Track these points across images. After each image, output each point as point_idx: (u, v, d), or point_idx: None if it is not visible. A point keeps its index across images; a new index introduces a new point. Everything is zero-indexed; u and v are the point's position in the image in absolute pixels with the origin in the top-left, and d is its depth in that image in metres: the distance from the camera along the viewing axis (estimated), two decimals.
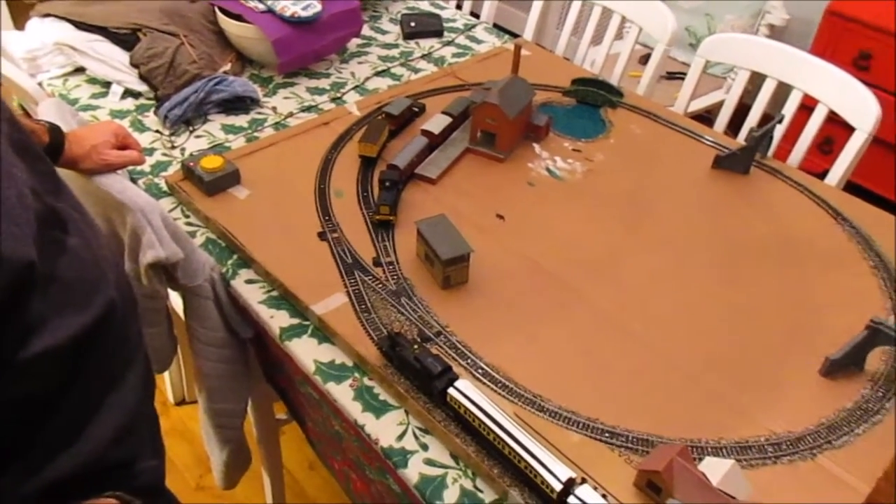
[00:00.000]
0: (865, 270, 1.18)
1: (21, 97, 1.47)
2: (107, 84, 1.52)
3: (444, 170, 1.34)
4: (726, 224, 1.27)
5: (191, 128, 1.43)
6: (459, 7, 2.07)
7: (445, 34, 1.85)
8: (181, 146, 1.38)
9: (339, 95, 1.57)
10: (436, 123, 1.40)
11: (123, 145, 1.15)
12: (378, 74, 1.66)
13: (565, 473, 0.80)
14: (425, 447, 0.90)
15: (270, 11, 1.55)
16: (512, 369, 0.98)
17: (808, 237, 1.24)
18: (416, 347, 0.94)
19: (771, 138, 1.41)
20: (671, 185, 1.35)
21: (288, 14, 1.54)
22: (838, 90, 1.46)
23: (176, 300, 1.28)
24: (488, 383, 0.96)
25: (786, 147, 1.54)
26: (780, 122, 1.44)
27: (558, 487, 0.79)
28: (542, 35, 3.11)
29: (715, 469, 0.83)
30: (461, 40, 1.83)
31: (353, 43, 1.77)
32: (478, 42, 1.83)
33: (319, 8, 1.57)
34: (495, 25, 2.00)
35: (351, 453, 1.04)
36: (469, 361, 0.99)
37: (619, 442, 0.90)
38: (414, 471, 0.88)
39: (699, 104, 2.45)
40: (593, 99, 1.57)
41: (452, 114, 1.44)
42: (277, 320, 1.06)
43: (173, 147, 1.38)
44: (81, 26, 1.53)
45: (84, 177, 1.09)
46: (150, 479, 0.77)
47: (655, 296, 1.12)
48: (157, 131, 1.42)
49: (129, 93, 1.51)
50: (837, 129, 1.56)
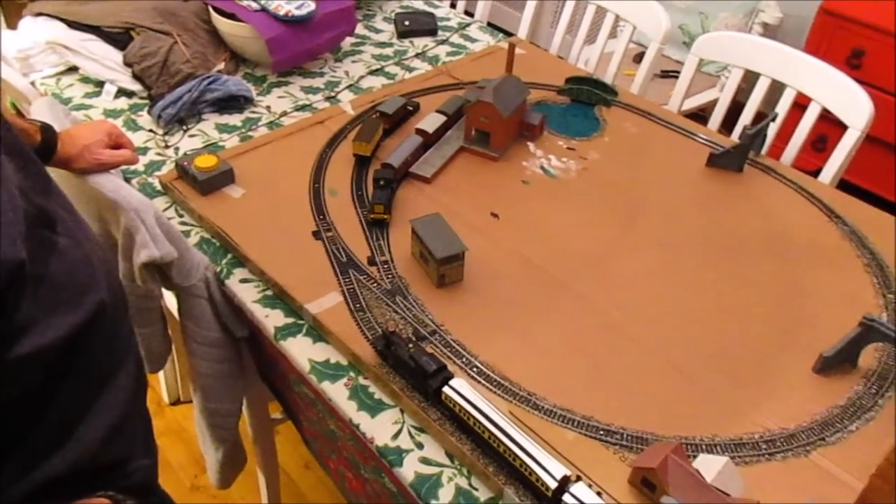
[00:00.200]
0: (858, 268, 1.18)
1: (14, 97, 1.47)
2: (100, 83, 1.52)
3: (439, 168, 1.34)
4: (720, 222, 1.27)
5: (185, 127, 1.43)
6: (453, 6, 2.07)
7: (440, 33, 1.85)
8: (175, 145, 1.38)
9: (334, 94, 1.57)
10: (430, 122, 1.40)
11: (117, 144, 1.14)
12: (372, 73, 1.66)
13: (560, 471, 0.80)
14: (420, 446, 0.90)
15: (264, 10, 1.55)
16: (507, 368, 0.99)
17: (802, 235, 1.25)
18: (411, 346, 0.94)
19: (764, 136, 1.42)
20: (665, 184, 1.36)
21: (282, 13, 1.54)
22: (831, 88, 1.46)
23: (170, 300, 1.27)
24: (483, 382, 0.96)
25: (779, 145, 1.54)
26: (774, 121, 1.44)
27: (553, 485, 0.79)
28: (537, 34, 3.12)
29: (709, 466, 0.84)
30: (455, 39, 1.83)
31: (347, 42, 1.77)
32: (472, 41, 1.83)
33: (313, 7, 1.57)
34: (489, 24, 2.00)
35: (346, 452, 1.04)
36: (464, 360, 0.99)
37: (614, 440, 0.90)
38: (409, 469, 0.88)
39: (693, 102, 2.46)
40: (587, 97, 1.57)
41: (447, 112, 1.43)
42: (272, 320, 1.05)
43: (167, 146, 1.38)
44: (74, 25, 1.53)
45: (77, 176, 1.09)
46: (143, 478, 0.77)
47: (650, 294, 1.12)
48: (151, 130, 1.42)
49: (123, 92, 1.51)
50: (831, 128, 1.56)
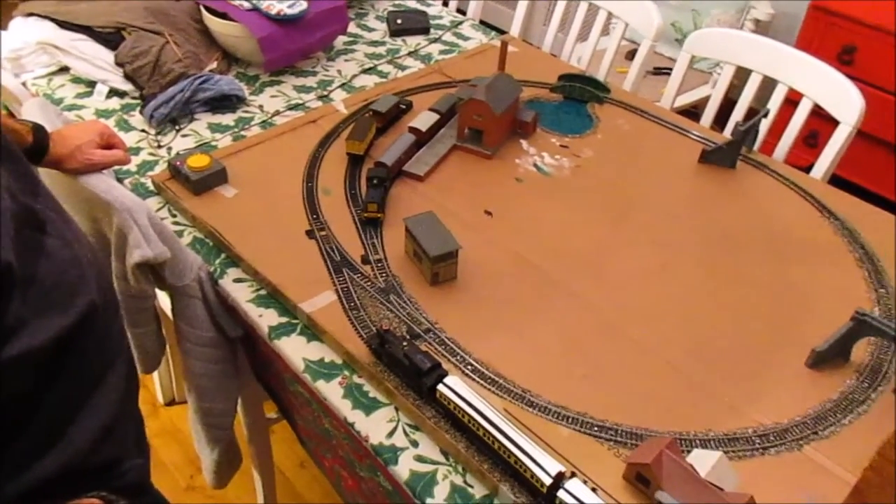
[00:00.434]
0: (850, 263, 1.19)
1: (5, 98, 1.46)
2: (91, 83, 1.51)
3: (432, 167, 1.34)
4: (713, 218, 1.28)
5: (177, 127, 1.43)
6: (446, 4, 2.07)
7: (432, 31, 1.85)
8: (167, 145, 1.38)
9: (326, 93, 1.57)
10: (423, 120, 1.40)
11: (108, 145, 1.14)
12: (365, 72, 1.66)
13: (555, 468, 0.80)
14: (415, 444, 0.90)
15: (256, 9, 1.54)
16: (501, 365, 0.99)
17: (794, 230, 1.25)
18: (406, 344, 0.94)
19: (756, 132, 1.42)
20: (658, 180, 1.36)
21: (274, 12, 1.53)
22: (823, 84, 1.47)
23: (164, 300, 1.27)
24: (478, 379, 0.97)
25: (771, 141, 1.55)
26: (766, 117, 1.45)
27: (548, 481, 0.79)
28: (529, 31, 3.12)
29: (703, 461, 0.84)
30: (448, 37, 1.83)
31: (340, 40, 1.76)
32: (464, 39, 1.83)
33: (305, 6, 1.57)
34: (482, 22, 2.00)
35: (341, 451, 1.04)
36: (458, 358, 0.99)
37: (609, 436, 0.91)
38: (404, 467, 0.88)
39: (685, 99, 2.46)
40: (580, 95, 1.57)
41: (440, 111, 1.43)
42: (266, 319, 1.05)
43: (159, 146, 1.37)
44: (65, 25, 1.52)
45: (69, 177, 1.08)
46: (135, 478, 0.76)
47: (643, 290, 1.13)
48: (143, 130, 1.41)
49: (115, 92, 1.51)
50: (822, 123, 1.57)
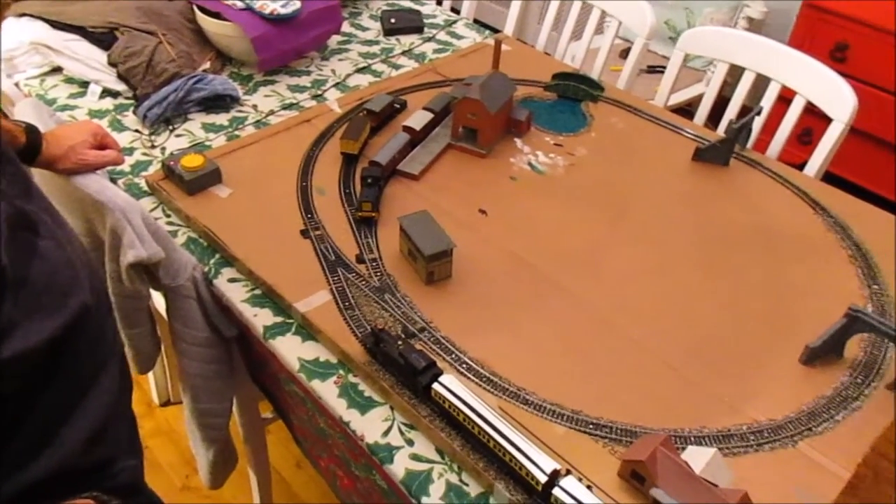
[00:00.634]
0: (843, 259, 1.19)
1: None
2: (85, 84, 1.51)
3: (427, 166, 1.34)
4: (707, 215, 1.28)
5: (171, 127, 1.42)
6: (440, 3, 2.07)
7: (426, 30, 1.85)
8: (161, 145, 1.37)
9: (320, 93, 1.57)
10: (417, 119, 1.40)
11: (102, 145, 1.14)
12: (359, 71, 1.66)
13: (550, 465, 0.80)
14: (411, 442, 0.90)
15: (249, 9, 1.54)
16: (496, 363, 0.99)
17: (788, 227, 1.26)
18: (400, 343, 0.94)
19: (750, 130, 1.43)
20: (652, 178, 1.36)
21: (267, 11, 1.53)
22: (816, 82, 1.47)
23: (158, 300, 1.27)
24: (472, 378, 0.97)
25: (765, 139, 1.55)
26: (759, 114, 1.45)
27: (543, 479, 0.80)
28: (523, 30, 3.12)
29: (697, 458, 0.84)
30: (442, 36, 1.83)
31: (334, 40, 1.76)
32: (458, 38, 1.83)
33: (299, 5, 1.56)
34: (476, 21, 2.00)
35: (337, 450, 1.04)
36: (453, 356, 0.99)
37: (603, 433, 0.91)
38: (400, 466, 0.88)
39: (679, 97, 2.47)
40: (574, 93, 1.57)
41: (434, 110, 1.43)
42: (261, 319, 1.05)
43: (153, 146, 1.37)
44: (57, 25, 1.52)
45: (63, 177, 1.08)
46: (129, 479, 0.76)
47: (638, 288, 1.13)
48: (137, 131, 1.41)
49: (108, 92, 1.50)
50: (816, 121, 1.57)
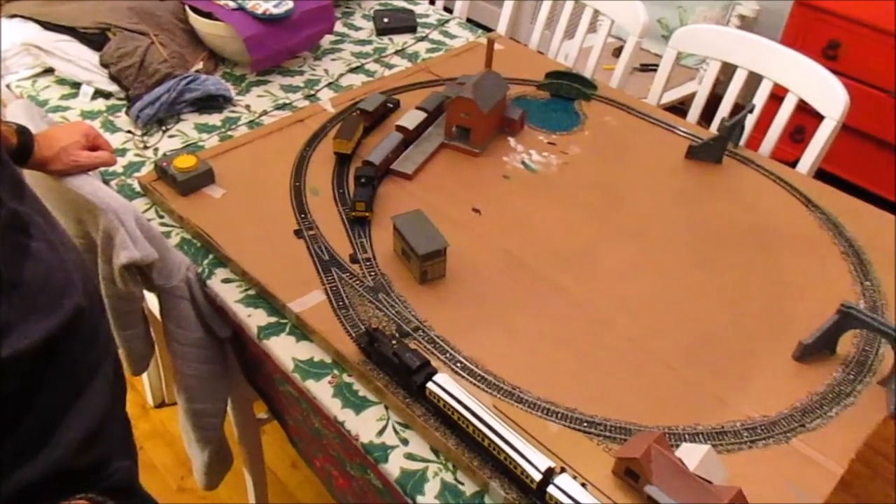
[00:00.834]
0: (836, 256, 1.20)
1: None
2: (77, 85, 1.50)
3: (420, 165, 1.34)
4: (700, 213, 1.28)
5: (163, 127, 1.42)
6: (432, 2, 2.07)
7: (419, 30, 1.84)
8: (154, 146, 1.37)
9: (313, 93, 1.56)
10: (410, 119, 1.40)
11: (94, 146, 1.13)
12: (352, 71, 1.66)
13: (544, 463, 0.81)
14: (405, 442, 0.90)
15: (242, 9, 1.54)
16: (490, 362, 0.99)
17: (780, 224, 1.26)
18: (395, 343, 0.94)
19: (742, 128, 1.43)
20: (645, 176, 1.37)
21: (260, 11, 1.53)
22: (808, 79, 1.48)
23: (152, 301, 1.27)
24: (467, 376, 0.97)
25: (758, 136, 1.56)
26: (752, 112, 1.46)
27: (538, 477, 0.80)
28: (516, 29, 3.12)
29: (691, 455, 0.85)
30: (435, 35, 1.83)
31: (327, 40, 1.76)
32: (451, 37, 1.83)
33: (291, 5, 1.56)
34: (469, 20, 2.00)
35: (332, 450, 1.04)
36: (447, 355, 0.99)
37: (598, 431, 0.91)
38: (395, 465, 0.88)
39: (672, 95, 2.47)
40: (567, 92, 1.58)
41: (427, 109, 1.43)
42: (255, 319, 1.05)
43: (146, 147, 1.37)
44: (49, 26, 1.51)
45: (55, 179, 1.08)
46: (123, 480, 0.76)
47: (631, 286, 1.13)
48: (129, 132, 1.41)
49: (100, 93, 1.50)
50: (808, 118, 1.58)
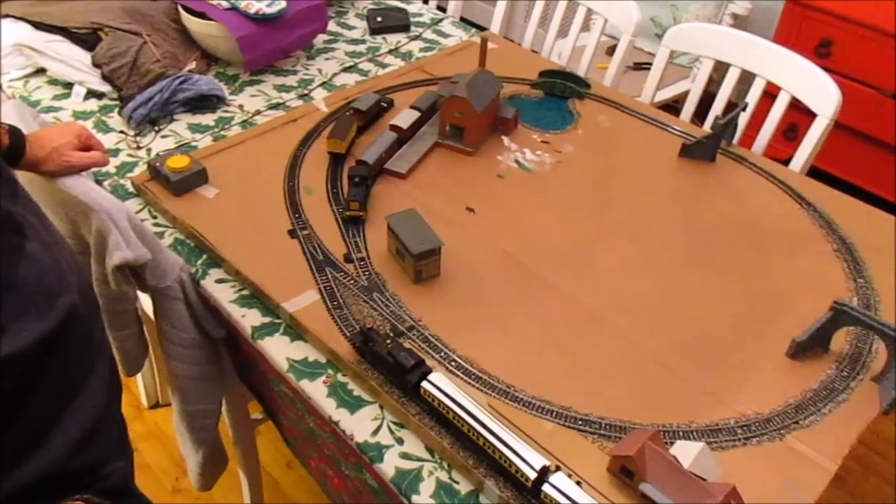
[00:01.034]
0: (829, 253, 1.20)
1: None
2: (69, 85, 1.50)
3: (414, 164, 1.34)
4: (693, 211, 1.29)
5: (156, 128, 1.42)
6: (426, 1, 2.07)
7: (412, 29, 1.84)
8: (147, 146, 1.37)
9: (307, 92, 1.56)
10: (404, 118, 1.40)
11: (86, 146, 1.13)
12: (345, 70, 1.65)
13: (539, 462, 0.81)
14: (400, 441, 0.90)
15: (235, 9, 1.53)
16: (485, 361, 0.99)
17: (774, 222, 1.27)
18: (389, 342, 0.94)
19: (735, 126, 1.43)
20: (639, 175, 1.37)
21: (252, 11, 1.52)
22: (800, 77, 1.48)
23: (146, 302, 1.26)
24: (462, 375, 0.97)
25: (751, 134, 1.56)
26: (745, 110, 1.46)
27: (533, 476, 0.80)
28: (510, 28, 3.13)
29: (686, 452, 0.85)
30: (428, 35, 1.83)
31: (320, 39, 1.76)
32: (445, 36, 1.83)
33: (284, 4, 1.56)
34: (462, 19, 2.00)
35: (327, 450, 1.04)
36: (442, 354, 0.99)
37: (592, 429, 0.91)
38: (390, 465, 0.88)
39: (666, 94, 2.48)
40: (561, 91, 1.58)
41: (421, 108, 1.43)
42: (249, 319, 1.05)
43: (139, 147, 1.36)
44: (40, 27, 1.51)
45: (47, 179, 1.07)
46: (119, 480, 0.76)
47: (625, 284, 1.13)
48: (122, 132, 1.40)
49: (92, 93, 1.49)
50: (801, 116, 1.58)
